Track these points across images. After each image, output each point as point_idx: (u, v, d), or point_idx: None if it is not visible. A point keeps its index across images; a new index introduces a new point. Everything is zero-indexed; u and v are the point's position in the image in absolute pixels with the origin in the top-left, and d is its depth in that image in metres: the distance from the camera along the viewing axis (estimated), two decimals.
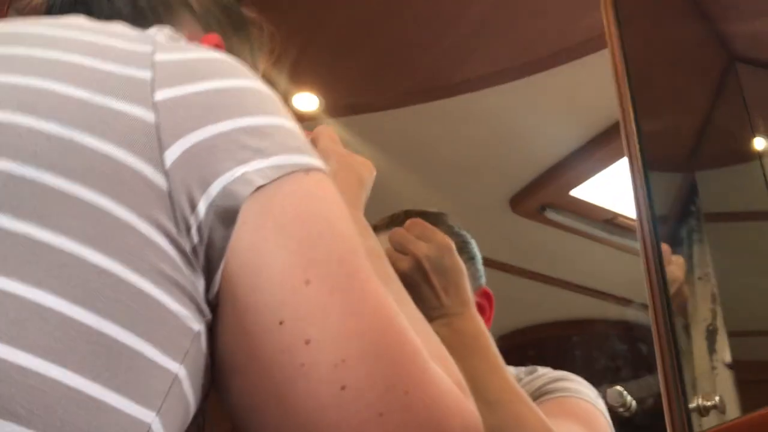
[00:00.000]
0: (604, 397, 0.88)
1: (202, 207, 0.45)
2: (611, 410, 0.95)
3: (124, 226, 0.43)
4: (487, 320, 1.13)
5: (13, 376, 0.39)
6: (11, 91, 0.46)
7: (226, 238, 0.45)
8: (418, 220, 1.00)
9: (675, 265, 0.97)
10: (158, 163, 0.44)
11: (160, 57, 0.49)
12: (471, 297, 0.96)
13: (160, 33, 0.54)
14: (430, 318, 0.97)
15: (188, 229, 0.45)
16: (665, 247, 0.92)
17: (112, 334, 0.41)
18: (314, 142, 0.81)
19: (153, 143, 0.45)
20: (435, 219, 1.15)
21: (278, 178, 0.47)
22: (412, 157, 2.32)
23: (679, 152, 1.06)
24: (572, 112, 2.36)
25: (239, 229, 0.45)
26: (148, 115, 0.45)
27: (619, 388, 0.93)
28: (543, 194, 2.81)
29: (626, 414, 0.89)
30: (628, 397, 0.89)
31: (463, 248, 1.14)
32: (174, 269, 0.44)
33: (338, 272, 0.47)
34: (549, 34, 1.87)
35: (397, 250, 0.96)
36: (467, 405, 0.52)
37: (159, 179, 0.44)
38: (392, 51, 1.76)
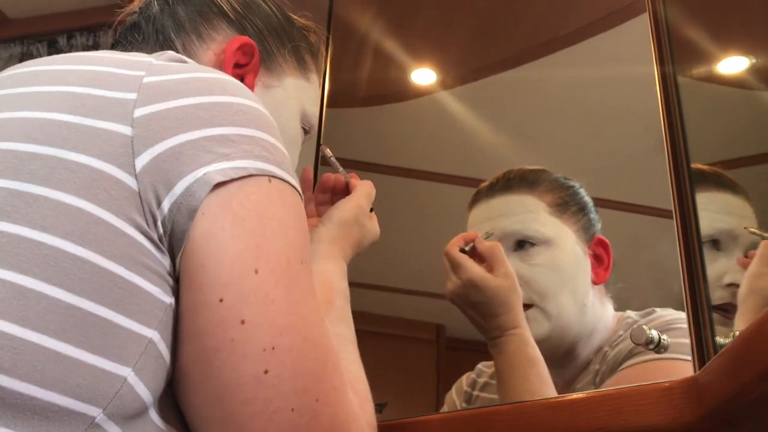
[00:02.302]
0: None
1: (166, 204, 0.53)
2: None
3: (98, 222, 0.52)
4: (605, 268, 1.11)
5: None
6: (19, 124, 0.56)
7: (187, 228, 0.53)
8: (449, 252, 1.03)
9: None
10: (131, 169, 0.53)
11: (147, 80, 0.57)
12: (512, 317, 0.99)
13: (161, 57, 0.62)
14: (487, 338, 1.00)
15: (155, 222, 0.53)
16: None
17: (85, 307, 0.50)
18: (351, 187, 0.90)
19: (128, 152, 0.53)
20: (536, 176, 1.15)
21: (240, 178, 0.54)
22: (544, 113, 2.27)
23: None
24: None
25: (199, 219, 0.53)
26: (126, 130, 0.54)
27: (643, 326, 0.84)
28: None
29: (662, 352, 0.81)
30: (652, 333, 0.81)
31: (570, 201, 1.13)
32: (144, 255, 0.53)
33: (286, 270, 0.54)
34: None
35: None
36: None
37: (131, 181, 0.53)
38: (497, 11, 1.74)
